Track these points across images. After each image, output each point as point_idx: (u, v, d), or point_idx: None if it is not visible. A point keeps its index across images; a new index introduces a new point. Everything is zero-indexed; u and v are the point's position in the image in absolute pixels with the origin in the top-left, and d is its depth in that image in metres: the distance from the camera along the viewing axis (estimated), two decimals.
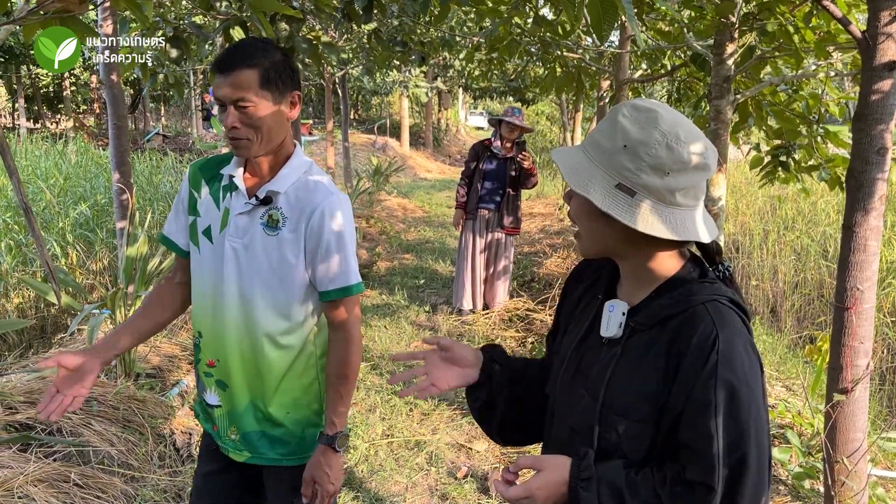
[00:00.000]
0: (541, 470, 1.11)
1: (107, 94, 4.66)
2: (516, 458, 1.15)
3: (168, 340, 4.36)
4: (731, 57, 3.50)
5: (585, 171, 1.10)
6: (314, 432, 1.74)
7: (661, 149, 1.06)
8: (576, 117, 10.35)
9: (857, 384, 2.44)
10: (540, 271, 6.55)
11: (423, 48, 6.96)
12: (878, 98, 2.27)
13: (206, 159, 1.76)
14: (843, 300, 2.41)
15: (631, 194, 1.07)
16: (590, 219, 1.13)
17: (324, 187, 1.63)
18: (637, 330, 1.13)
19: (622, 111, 1.10)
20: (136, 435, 3.35)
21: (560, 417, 1.23)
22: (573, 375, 1.22)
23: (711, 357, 1.03)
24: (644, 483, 1.06)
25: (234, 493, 1.80)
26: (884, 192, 2.34)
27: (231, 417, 1.71)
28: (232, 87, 1.51)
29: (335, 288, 1.63)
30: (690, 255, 1.19)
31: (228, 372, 1.68)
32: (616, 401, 1.11)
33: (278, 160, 1.65)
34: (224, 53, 1.54)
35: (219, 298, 1.65)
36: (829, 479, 2.49)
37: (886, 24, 2.22)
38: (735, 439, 1.02)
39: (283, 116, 1.59)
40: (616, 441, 1.11)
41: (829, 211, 8.77)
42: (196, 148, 15.74)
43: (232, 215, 1.63)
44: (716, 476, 1.01)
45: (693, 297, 1.09)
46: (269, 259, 1.61)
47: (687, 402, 1.04)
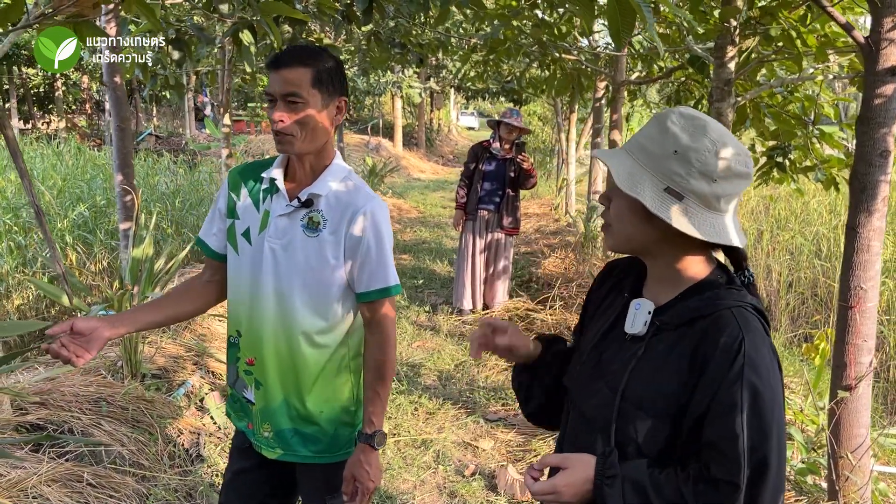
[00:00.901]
0: (566, 468, 1.15)
1: (109, 95, 4.67)
2: (541, 456, 1.20)
3: (172, 341, 4.38)
4: (732, 60, 3.56)
5: (635, 174, 1.14)
6: (346, 431, 1.77)
7: (711, 156, 1.11)
8: (571, 118, 10.42)
9: (861, 381, 2.49)
10: (538, 271, 6.60)
11: (421, 50, 7.01)
12: (881, 102, 2.33)
13: (247, 164, 1.81)
14: (847, 299, 2.47)
15: (679, 198, 1.12)
16: (633, 219, 1.17)
17: (364, 191, 1.68)
18: (662, 329, 1.17)
19: (671, 118, 1.14)
20: (146, 435, 3.37)
21: (577, 409, 1.27)
22: (593, 369, 1.26)
23: (738, 360, 1.07)
24: (668, 482, 1.09)
25: (263, 489, 1.83)
26: (886, 193, 2.40)
27: (265, 415, 1.75)
28: (284, 83, 1.56)
29: (374, 289, 1.67)
30: (717, 261, 1.23)
31: (264, 370, 1.72)
32: (636, 395, 1.15)
33: (319, 164, 1.69)
34: (281, 52, 1.60)
35: (256, 298, 1.70)
36: (834, 473, 2.55)
37: (889, 31, 2.28)
38: (759, 439, 1.06)
39: (328, 119, 1.64)
40: (633, 435, 1.15)
41: (822, 211, 8.88)
42: (189, 148, 15.70)
43: (272, 217, 1.68)
44: (741, 474, 1.05)
45: (720, 301, 1.13)
46: (308, 260, 1.65)
47: (712, 402, 1.08)
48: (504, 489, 3.17)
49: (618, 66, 6.28)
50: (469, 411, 4.05)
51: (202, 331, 4.67)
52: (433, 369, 4.68)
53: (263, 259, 1.68)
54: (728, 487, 1.06)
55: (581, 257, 6.48)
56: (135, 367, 3.89)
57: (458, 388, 4.39)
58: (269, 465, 1.81)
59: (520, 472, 3.31)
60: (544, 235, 8.64)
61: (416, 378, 4.53)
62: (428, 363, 4.76)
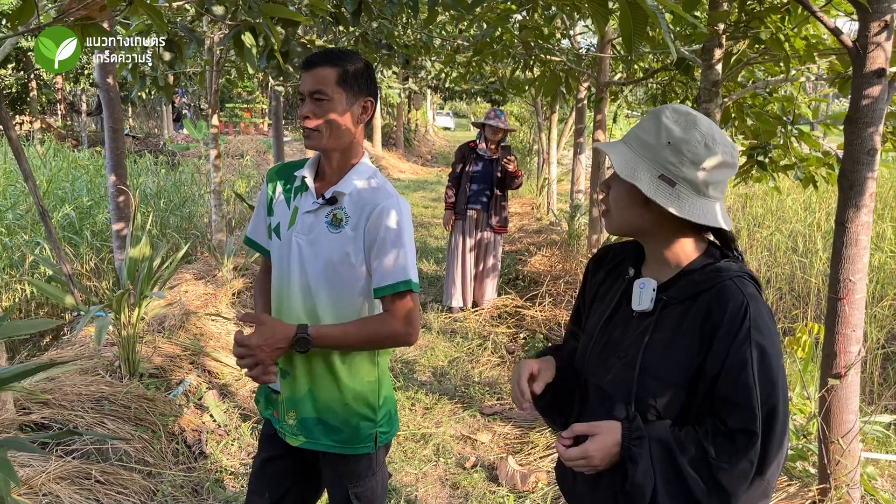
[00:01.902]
0: (595, 434, 1.26)
1: (102, 96, 4.67)
2: (570, 425, 1.30)
3: (168, 341, 4.40)
4: (719, 62, 3.68)
5: (632, 163, 1.27)
6: (367, 425, 1.83)
7: (700, 147, 1.24)
8: (552, 119, 10.54)
9: (850, 369, 2.61)
10: (524, 269, 6.70)
11: (407, 51, 7.08)
12: (869, 102, 2.45)
13: (283, 164, 1.89)
14: (837, 291, 2.59)
15: (672, 185, 1.25)
16: (630, 204, 1.30)
17: (385, 190, 1.75)
18: (670, 303, 1.30)
19: (665, 113, 1.27)
20: (149, 433, 3.40)
21: (593, 385, 1.38)
22: (603, 347, 1.37)
23: (745, 324, 1.20)
24: (689, 438, 1.22)
25: (290, 477, 1.89)
26: (873, 189, 2.52)
27: (290, 403, 1.81)
28: (312, 80, 1.66)
29: (387, 284, 1.72)
30: (709, 241, 1.36)
31: (292, 360, 1.78)
32: (653, 365, 1.27)
33: (346, 163, 1.76)
34: (313, 54, 1.69)
35: (285, 291, 1.77)
36: (826, 458, 2.66)
37: (876, 34, 2.39)
38: (768, 391, 1.19)
39: (354, 117, 1.71)
40: (652, 403, 1.27)
41: (798, 208, 9.09)
42: (167, 149, 15.59)
43: (300, 213, 1.75)
44: (757, 422, 1.18)
45: (721, 273, 1.27)
46: (331, 255, 1.72)
47: (724, 363, 1.20)
48: (505, 480, 3.25)
49: (601, 67, 6.40)
50: (465, 406, 4.12)
51: (196, 330, 4.70)
52: (427, 366, 4.75)
53: (291, 253, 1.75)
54: (744, 436, 1.19)
55: (566, 255, 6.59)
56: (133, 366, 3.91)
57: (453, 384, 4.47)
58: (295, 453, 1.88)
59: (519, 463, 3.40)
60: (528, 234, 8.75)
61: (412, 374, 4.59)
62: (422, 360, 4.83)
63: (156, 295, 3.80)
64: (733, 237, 1.34)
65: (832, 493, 2.64)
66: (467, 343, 5.16)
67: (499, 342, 5.16)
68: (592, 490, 1.37)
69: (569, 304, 5.50)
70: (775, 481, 1.24)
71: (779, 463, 1.21)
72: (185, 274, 5.69)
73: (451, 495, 3.21)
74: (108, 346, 4.17)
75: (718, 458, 1.19)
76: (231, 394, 4.11)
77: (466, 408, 4.10)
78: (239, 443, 3.59)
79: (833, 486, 2.65)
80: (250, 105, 20.40)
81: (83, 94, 18.92)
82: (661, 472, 1.21)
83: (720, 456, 1.19)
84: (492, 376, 4.62)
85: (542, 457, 3.45)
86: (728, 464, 1.18)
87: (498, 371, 4.71)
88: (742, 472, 1.18)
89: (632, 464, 1.22)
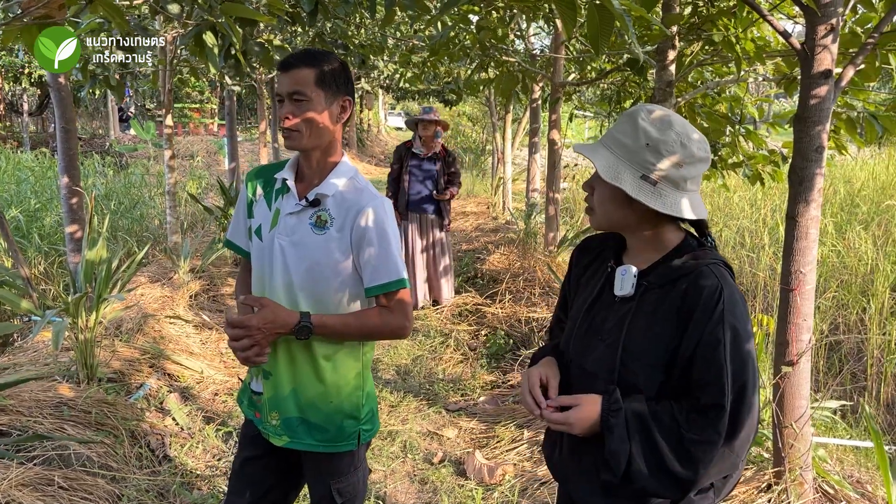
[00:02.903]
0: (578, 405, 1.36)
1: (54, 96, 4.56)
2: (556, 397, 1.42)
3: (126, 345, 4.33)
4: (673, 63, 3.80)
5: (615, 166, 1.35)
6: (351, 423, 1.85)
7: (677, 146, 1.33)
8: (506, 118, 10.65)
9: (802, 357, 2.74)
10: (483, 267, 6.77)
11: (363, 50, 7.08)
12: (816, 102, 2.57)
13: (262, 166, 1.91)
14: (789, 282, 2.71)
15: (653, 184, 1.33)
16: (615, 203, 1.38)
17: (369, 191, 1.78)
18: (650, 288, 1.39)
19: (640, 115, 1.35)
20: (112, 437, 3.35)
21: (577, 365, 1.47)
22: (587, 330, 1.46)
23: (719, 306, 1.29)
24: (663, 411, 1.32)
25: (271, 477, 1.90)
26: (821, 185, 2.65)
27: (272, 403, 1.82)
28: (290, 81, 1.67)
29: (377, 284, 1.76)
30: (685, 229, 1.46)
31: (274, 361, 1.79)
32: (635, 346, 1.36)
33: (327, 163, 1.78)
34: (290, 55, 1.70)
35: (267, 291, 1.78)
36: (780, 442, 2.78)
37: (823, 37, 2.52)
38: (739, 368, 1.28)
39: (333, 117, 1.74)
40: (632, 381, 1.36)
41: (744, 205, 9.38)
42: (114, 150, 15.23)
43: (282, 215, 1.77)
44: (726, 398, 1.27)
45: (698, 260, 1.36)
46: (315, 255, 1.74)
47: (699, 342, 1.29)
48: (473, 473, 3.30)
49: (556, 67, 6.51)
50: (430, 403, 4.16)
51: (155, 333, 4.63)
52: (391, 364, 4.78)
53: (274, 255, 1.77)
54: (714, 411, 1.28)
55: (524, 253, 6.68)
56: (91, 371, 3.84)
57: (417, 382, 4.50)
58: (277, 452, 1.89)
59: (486, 456, 3.45)
60: (485, 233, 8.83)
61: (376, 373, 4.61)
62: (385, 358, 4.85)
63: (116, 298, 3.74)
64: (707, 224, 1.44)
65: (786, 476, 2.77)
66: (430, 341, 5.20)
67: (461, 339, 5.22)
68: (577, 460, 1.46)
69: (528, 301, 5.59)
70: (744, 455, 1.33)
71: (748, 437, 1.31)
72: (140, 277, 5.59)
73: (420, 490, 3.25)
74: (65, 351, 4.09)
75: (689, 430, 1.28)
76: (193, 396, 4.07)
77: (432, 404, 4.14)
78: (204, 445, 3.56)
79: (787, 468, 2.77)
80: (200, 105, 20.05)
81: (24, 94, 18.31)
82: (637, 440, 1.31)
83: (691, 428, 1.28)
84: (455, 373, 4.67)
85: (509, 450, 3.51)
86: (697, 434, 1.27)
87: (461, 368, 4.76)
88: (710, 443, 1.27)
89: (609, 433, 1.32)
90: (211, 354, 4.66)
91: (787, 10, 4.00)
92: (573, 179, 12.15)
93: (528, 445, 3.53)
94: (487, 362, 4.87)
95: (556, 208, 6.77)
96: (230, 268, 6.50)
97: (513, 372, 4.61)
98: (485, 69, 6.54)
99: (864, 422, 3.98)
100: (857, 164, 12.48)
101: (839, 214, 8.55)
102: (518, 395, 4.22)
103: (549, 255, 6.38)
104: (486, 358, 4.93)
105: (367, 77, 20.91)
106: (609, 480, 1.36)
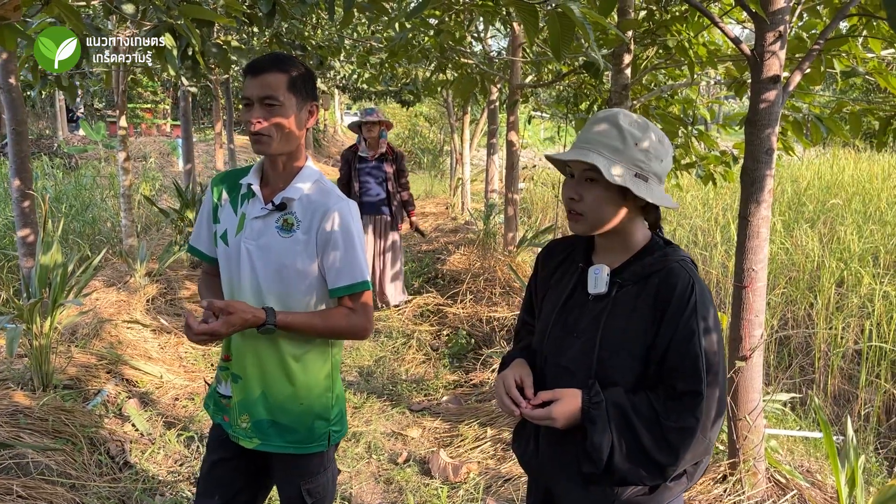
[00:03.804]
0: (559, 399, 1.41)
1: (4, 97, 4.45)
2: (537, 393, 1.45)
3: (82, 351, 4.25)
4: (628, 67, 3.89)
5: (615, 169, 1.40)
6: (321, 424, 1.87)
7: (658, 144, 1.43)
8: (464, 120, 10.72)
9: (754, 351, 2.84)
10: (444, 268, 6.81)
11: (321, 51, 7.06)
12: (766, 106, 2.67)
13: (227, 172, 1.92)
14: (742, 280, 2.81)
15: (645, 179, 1.41)
16: (610, 205, 1.43)
17: (335, 194, 1.80)
18: (624, 285, 1.46)
19: (621, 119, 1.42)
20: (70, 445, 3.29)
21: (553, 363, 1.52)
22: (562, 329, 1.51)
23: (692, 300, 1.38)
24: (642, 402, 1.39)
25: (240, 479, 1.91)
26: (771, 186, 2.75)
27: (242, 406, 1.83)
28: (262, 86, 1.67)
29: (341, 285, 1.78)
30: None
31: (243, 365, 1.80)
32: (611, 341, 1.43)
33: (292, 167, 1.79)
34: (258, 59, 1.71)
35: (236, 294, 1.79)
36: (735, 434, 2.88)
37: (771, 44, 2.62)
38: (711, 358, 1.37)
39: (301, 122, 1.75)
40: (610, 375, 1.42)
41: (697, 205, 9.60)
42: (63, 151, 14.85)
43: (248, 219, 1.78)
44: (703, 384, 1.35)
45: (668, 258, 1.45)
46: (282, 258, 1.75)
47: (674, 335, 1.37)
48: (437, 472, 3.34)
49: (513, 70, 6.58)
50: (394, 403, 4.18)
51: (112, 339, 4.55)
52: (353, 366, 4.78)
53: (241, 259, 1.78)
54: (691, 397, 1.36)
55: (484, 253, 6.74)
56: (47, 378, 3.76)
57: (380, 383, 4.52)
58: (245, 454, 1.89)
59: (450, 455, 3.49)
60: (444, 233, 8.88)
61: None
62: (347, 360, 4.85)
63: (73, 303, 3.67)
64: (660, 217, 1.53)
65: (741, 466, 2.87)
66: (392, 342, 5.22)
67: (423, 340, 5.25)
68: (557, 454, 1.50)
69: (489, 301, 5.65)
70: (715, 439, 1.41)
71: (719, 422, 1.39)
72: (95, 281, 5.48)
73: (386, 490, 3.27)
74: (19, 358, 4.00)
75: (668, 418, 1.35)
76: (153, 402, 4.02)
77: (395, 405, 4.16)
78: (165, 451, 3.52)
79: (741, 459, 2.87)
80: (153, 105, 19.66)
81: None
82: (618, 431, 1.37)
83: (670, 415, 1.35)
84: (418, 373, 4.70)
85: (472, 448, 3.55)
86: (676, 422, 1.35)
87: (424, 368, 4.79)
88: (688, 429, 1.34)
89: (591, 424, 1.38)
90: (170, 359, 4.60)
91: (737, 15, 4.14)
92: (531, 180, 12.28)
93: (491, 443, 3.58)
94: (450, 362, 4.91)
95: (515, 209, 6.85)
96: (188, 271, 6.41)
97: (475, 371, 4.65)
98: (443, 71, 6.58)
99: (812, 413, 4.14)
100: (804, 164, 12.89)
101: (787, 213, 8.83)
102: (482, 395, 4.27)
103: (509, 255, 6.45)
104: (449, 358, 4.97)
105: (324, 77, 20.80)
106: (591, 472, 1.42)
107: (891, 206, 8.60)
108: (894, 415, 4.55)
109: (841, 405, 4.80)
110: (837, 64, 3.58)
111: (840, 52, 3.48)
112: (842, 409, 4.69)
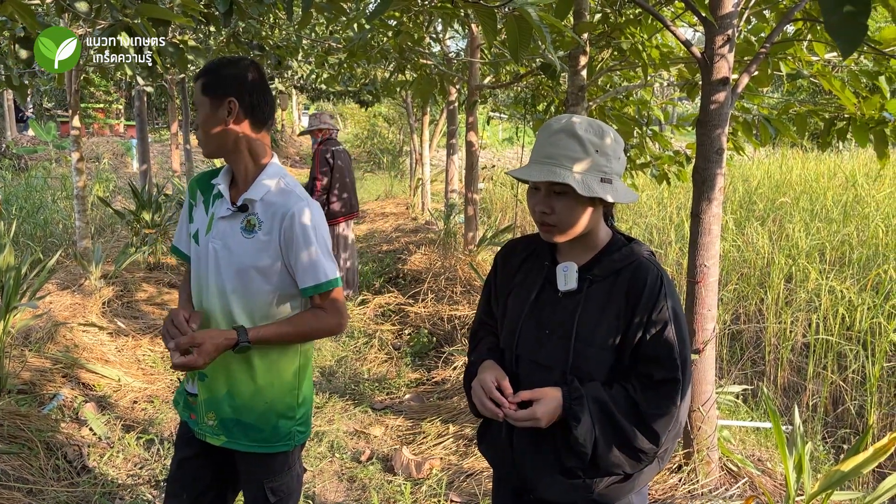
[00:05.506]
0: (540, 398, 1.44)
1: None
2: (517, 393, 1.47)
3: (37, 355, 4.17)
4: (584, 69, 3.97)
5: (583, 180, 1.44)
6: (286, 423, 1.88)
7: (615, 145, 1.48)
8: (423, 120, 10.76)
9: (707, 345, 2.94)
10: (405, 268, 6.84)
11: (279, 51, 7.02)
12: (716, 107, 2.76)
13: (203, 173, 1.94)
14: (694, 275, 2.90)
15: (610, 182, 1.46)
16: (582, 212, 1.47)
17: (295, 194, 1.81)
18: (594, 281, 1.51)
19: (577, 128, 1.45)
20: (26, 450, 3.24)
21: (530, 361, 1.55)
22: (535, 327, 1.55)
23: (662, 291, 1.46)
24: (619, 393, 1.45)
25: (207, 476, 1.92)
26: (722, 184, 2.85)
27: (209, 404, 1.84)
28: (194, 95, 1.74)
29: (308, 286, 1.80)
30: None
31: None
32: (585, 335, 1.48)
33: (253, 166, 1.81)
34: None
35: (203, 293, 1.81)
36: (689, 425, 2.98)
37: (720, 47, 2.71)
38: (681, 345, 1.45)
39: (220, 121, 1.76)
40: (585, 368, 1.48)
41: (652, 204, 9.79)
42: (11, 152, 14.45)
43: (215, 220, 1.80)
44: (678, 371, 1.43)
45: (634, 254, 1.51)
46: (245, 259, 1.78)
47: (647, 325, 1.44)
48: (400, 469, 3.37)
49: (472, 71, 6.64)
50: (356, 402, 4.20)
51: (67, 342, 4.47)
52: (315, 366, 4.78)
53: (208, 258, 1.80)
54: (668, 385, 1.43)
55: (445, 252, 6.79)
56: (0, 382, 3.69)
57: (342, 382, 4.53)
58: (212, 452, 1.90)
59: (413, 452, 3.53)
60: (405, 233, 8.90)
61: None
62: None
63: (28, 306, 3.60)
64: (612, 210, 1.60)
65: (695, 456, 2.96)
66: (354, 342, 5.23)
67: (385, 339, 5.27)
68: (535, 450, 1.53)
69: (451, 300, 5.69)
70: (685, 421, 1.49)
71: (687, 405, 1.47)
72: (49, 284, 5.37)
73: (349, 488, 3.29)
74: None
75: (649, 407, 1.41)
76: (111, 405, 3.97)
77: (358, 404, 4.17)
78: (124, 454, 3.48)
79: (696, 449, 2.97)
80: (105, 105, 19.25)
81: None
82: (600, 424, 1.42)
83: (650, 404, 1.41)
84: (380, 372, 4.72)
85: (435, 445, 3.59)
86: (657, 410, 1.41)
87: (386, 367, 4.82)
88: (668, 414, 1.41)
89: (574, 421, 1.42)
90: (128, 362, 4.54)
91: (689, 19, 4.26)
92: (491, 180, 12.38)
93: (453, 439, 3.63)
94: (412, 361, 4.94)
95: (475, 208, 6.91)
96: (144, 273, 6.32)
97: (437, 369, 4.70)
98: (402, 72, 6.61)
99: (763, 404, 4.28)
100: (754, 163, 13.22)
101: (738, 211, 9.06)
102: (444, 392, 4.31)
103: (470, 254, 6.51)
104: (411, 356, 5.01)
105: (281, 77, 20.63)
106: (574, 466, 1.46)
107: (836, 204, 8.89)
108: (840, 405, 4.73)
109: (790, 396, 4.97)
110: (784, 67, 3.70)
111: (786, 56, 3.60)
112: (791, 400, 4.86)
